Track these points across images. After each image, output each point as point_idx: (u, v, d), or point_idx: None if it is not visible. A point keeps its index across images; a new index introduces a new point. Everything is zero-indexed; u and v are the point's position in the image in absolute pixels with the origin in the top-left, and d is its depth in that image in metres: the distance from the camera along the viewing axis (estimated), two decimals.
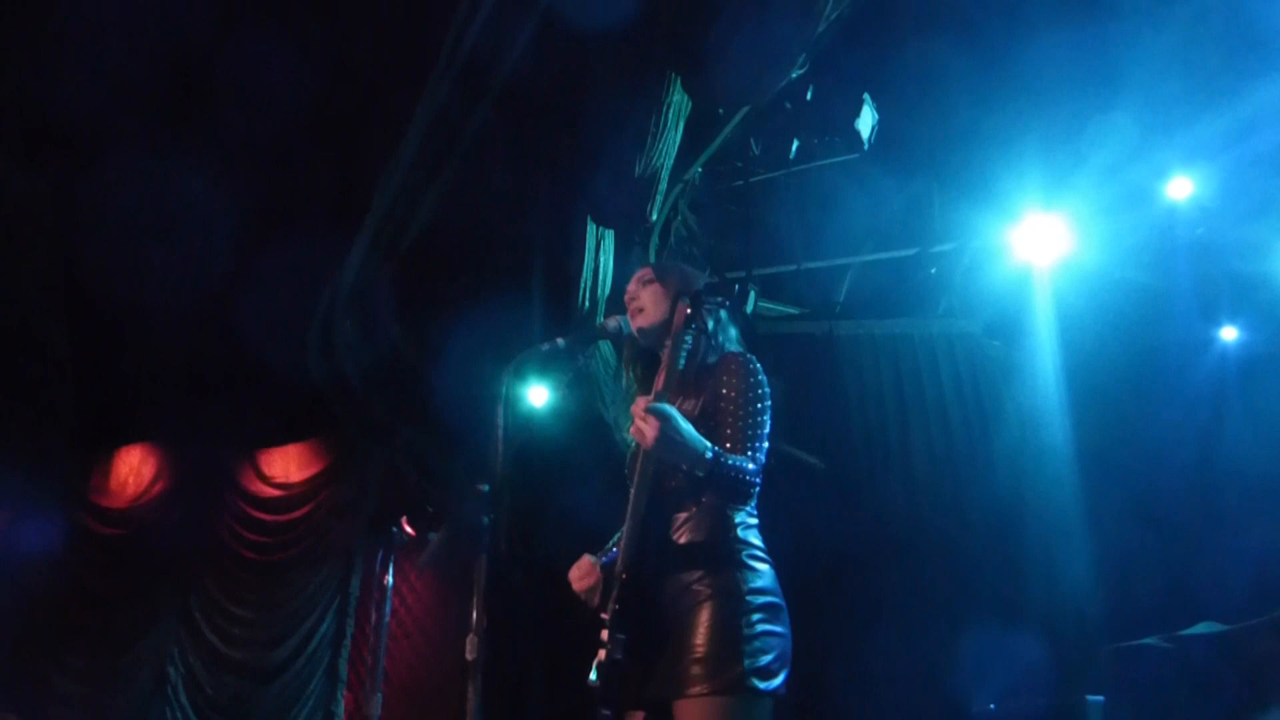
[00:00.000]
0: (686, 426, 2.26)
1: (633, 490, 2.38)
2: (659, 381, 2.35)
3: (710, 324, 2.53)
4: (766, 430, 2.45)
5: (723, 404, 2.43)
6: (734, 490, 2.35)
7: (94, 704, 8.14)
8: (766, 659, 2.28)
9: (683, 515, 2.43)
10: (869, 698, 5.96)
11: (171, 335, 7.32)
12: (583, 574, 2.54)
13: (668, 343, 2.39)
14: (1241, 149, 5.52)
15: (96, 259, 6.76)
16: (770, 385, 2.51)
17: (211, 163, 6.00)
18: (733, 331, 2.67)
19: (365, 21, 5.40)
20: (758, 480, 2.39)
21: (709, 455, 2.26)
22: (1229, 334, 6.40)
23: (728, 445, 2.37)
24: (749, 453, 2.38)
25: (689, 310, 2.34)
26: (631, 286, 2.70)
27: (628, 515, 2.37)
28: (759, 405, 2.43)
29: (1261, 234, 5.94)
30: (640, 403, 2.26)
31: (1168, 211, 5.98)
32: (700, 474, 2.29)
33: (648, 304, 2.63)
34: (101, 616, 8.34)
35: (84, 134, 6.00)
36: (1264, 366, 6.18)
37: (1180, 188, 5.86)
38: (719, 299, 2.46)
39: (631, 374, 2.73)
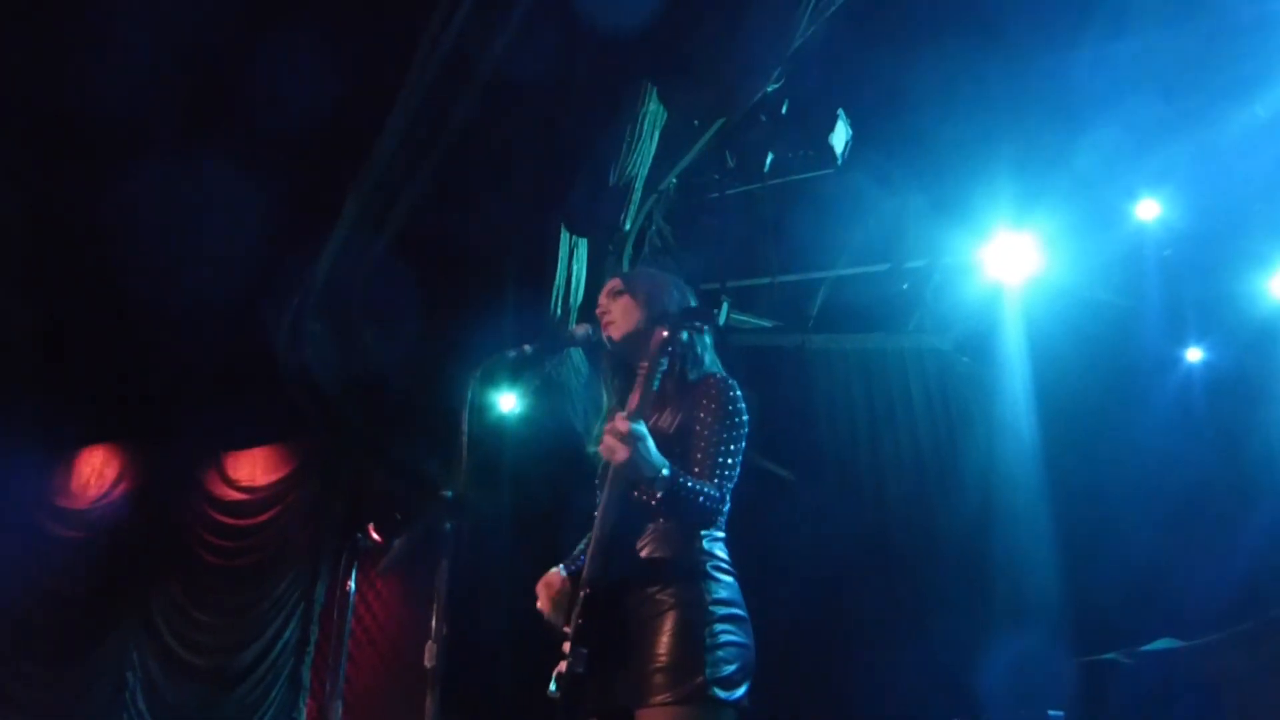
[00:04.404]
0: (653, 448, 2.25)
1: (601, 503, 2.37)
2: (633, 402, 2.32)
3: (688, 337, 2.53)
4: (738, 459, 2.44)
5: (698, 427, 2.43)
6: (694, 513, 2.34)
7: (50, 711, 8.00)
8: (729, 669, 2.28)
9: (650, 527, 2.42)
10: (830, 711, 5.96)
11: (138, 334, 7.23)
12: (551, 594, 2.51)
13: (643, 363, 2.36)
14: (1210, 171, 5.60)
15: (62, 259, 6.68)
16: (744, 400, 2.51)
17: (196, 163, 5.92)
18: (708, 339, 2.67)
19: (366, 25, 5.36)
20: (720, 507, 2.38)
21: (665, 473, 2.25)
22: (1194, 355, 6.48)
23: (696, 470, 2.37)
24: (715, 479, 2.37)
25: (666, 334, 2.33)
26: (602, 300, 2.68)
27: (594, 528, 2.36)
28: (733, 433, 2.43)
29: (1228, 256, 6.03)
30: (619, 420, 2.24)
31: (1136, 232, 6.05)
32: (659, 493, 2.27)
33: (618, 316, 2.61)
34: (59, 621, 8.19)
35: (87, 138, 5.91)
36: (1229, 386, 6.27)
37: (1149, 209, 5.94)
38: (696, 325, 2.45)
39: (608, 385, 2.71)
